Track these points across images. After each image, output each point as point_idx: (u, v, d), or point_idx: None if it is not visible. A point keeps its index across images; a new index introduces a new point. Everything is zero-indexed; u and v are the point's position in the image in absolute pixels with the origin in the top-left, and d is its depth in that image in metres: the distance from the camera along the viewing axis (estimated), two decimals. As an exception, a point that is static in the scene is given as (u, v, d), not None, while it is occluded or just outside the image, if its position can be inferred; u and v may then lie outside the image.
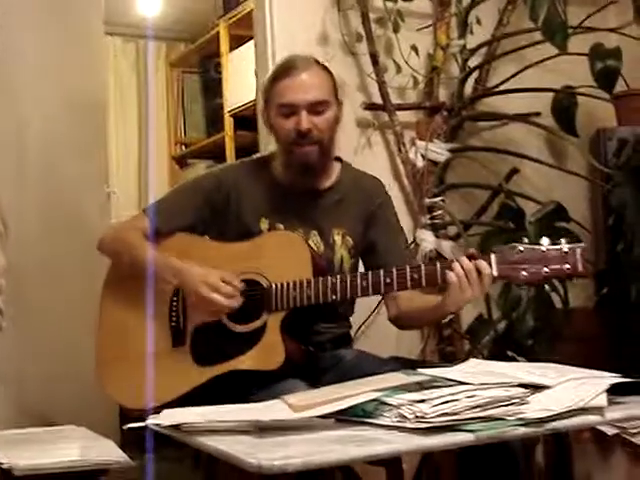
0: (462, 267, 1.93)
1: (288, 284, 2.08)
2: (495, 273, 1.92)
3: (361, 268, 2.34)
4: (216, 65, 5.17)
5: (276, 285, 2.09)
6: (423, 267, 2.00)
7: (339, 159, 2.38)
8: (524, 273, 1.90)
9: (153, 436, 1.69)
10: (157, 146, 5.63)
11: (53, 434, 2.22)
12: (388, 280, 2.02)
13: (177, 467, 3.69)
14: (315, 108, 2.18)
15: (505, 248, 1.93)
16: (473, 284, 1.92)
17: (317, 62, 2.27)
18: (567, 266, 1.87)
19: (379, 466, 2.15)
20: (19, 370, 2.78)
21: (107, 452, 1.97)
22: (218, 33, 4.98)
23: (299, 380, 2.01)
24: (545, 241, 1.89)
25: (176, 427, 1.62)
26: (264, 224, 2.25)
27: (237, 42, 4.78)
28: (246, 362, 2.06)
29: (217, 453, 1.45)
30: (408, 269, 2.00)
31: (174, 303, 2.19)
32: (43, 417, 2.57)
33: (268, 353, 2.05)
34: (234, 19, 4.80)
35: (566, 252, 1.87)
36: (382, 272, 2.04)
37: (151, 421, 1.65)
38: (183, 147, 5.73)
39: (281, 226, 2.24)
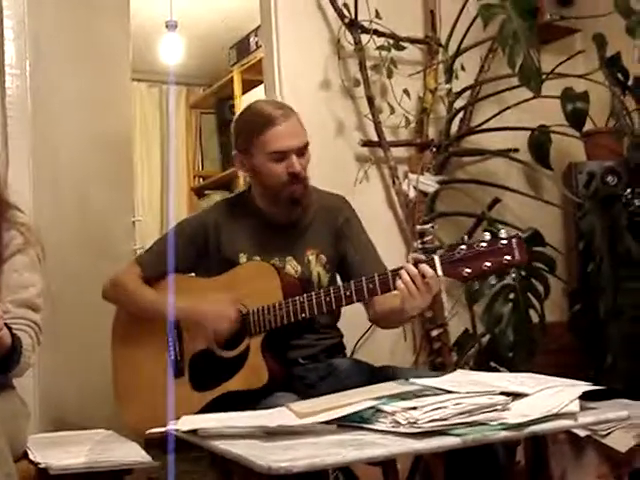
0: (408, 274, 1.90)
1: (262, 308, 2.07)
2: (440, 273, 1.88)
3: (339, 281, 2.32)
4: (230, 107, 5.20)
5: (252, 311, 2.09)
6: (377, 277, 1.97)
7: None
8: (467, 270, 1.84)
9: (174, 439, 1.69)
10: (177, 179, 5.66)
11: (84, 437, 2.22)
12: (348, 292, 2.00)
13: (195, 467, 3.67)
14: (302, 151, 2.17)
15: (449, 249, 1.88)
16: (420, 288, 1.89)
17: (288, 106, 2.23)
18: (507, 257, 1.82)
19: (376, 466, 2.14)
20: (56, 381, 2.77)
21: (132, 453, 1.97)
22: (232, 78, 5.01)
23: (289, 393, 1.98)
24: (486, 236, 1.83)
25: (193, 432, 1.61)
26: (243, 258, 2.23)
27: (249, 86, 4.81)
28: (235, 384, 2.06)
29: (230, 455, 1.45)
30: (364, 280, 1.98)
31: (170, 340, 2.20)
32: (77, 423, 2.56)
33: (253, 374, 2.04)
34: (246, 66, 4.83)
35: (503, 244, 1.82)
36: (342, 286, 2.04)
37: (171, 426, 1.65)
38: (201, 179, 5.74)
39: (258, 258, 2.22)
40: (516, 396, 1.60)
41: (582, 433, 2.53)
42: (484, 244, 1.83)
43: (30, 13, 2.76)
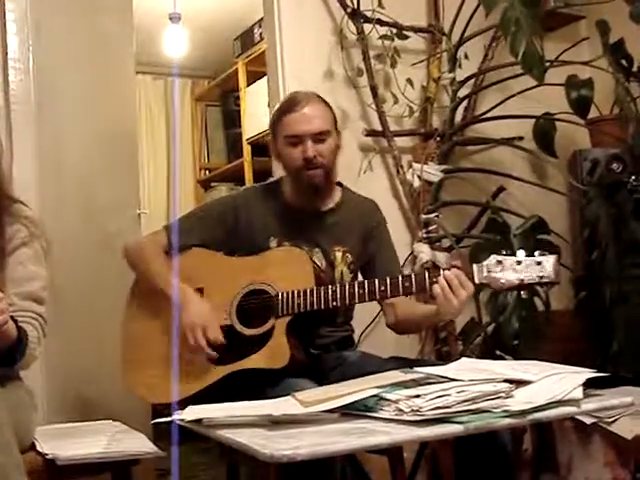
0: (445, 279, 1.94)
1: (293, 292, 2.09)
2: (476, 281, 1.94)
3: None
4: (235, 99, 5.20)
5: (282, 293, 2.10)
6: (414, 276, 2.01)
7: (340, 184, 2.38)
8: (502, 281, 1.90)
9: (182, 430, 1.70)
10: (183, 171, 5.66)
11: (91, 428, 2.22)
12: (382, 288, 2.03)
13: (205, 458, 3.69)
14: (318, 137, 2.20)
15: (486, 259, 1.94)
16: (456, 293, 1.93)
17: (318, 96, 2.29)
18: (540, 274, 1.88)
19: (382, 455, 2.14)
20: (63, 373, 2.78)
21: (139, 444, 1.97)
22: (237, 70, 5.01)
23: (305, 379, 2.01)
24: (521, 253, 1.90)
25: (198, 422, 1.62)
26: (273, 242, 2.26)
27: (254, 78, 4.81)
28: (256, 361, 2.07)
29: (235, 444, 1.45)
30: (400, 278, 2.02)
31: None
32: (85, 414, 2.58)
33: (275, 353, 2.05)
34: (251, 57, 4.82)
35: (539, 262, 1.88)
36: (377, 280, 2.05)
37: (176, 416, 1.65)
38: (207, 172, 5.75)
39: (288, 244, 2.25)
40: (520, 383, 1.61)
41: (588, 420, 2.53)
42: (520, 259, 1.89)
43: (32, 6, 2.76)
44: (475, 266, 1.94)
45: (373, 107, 3.19)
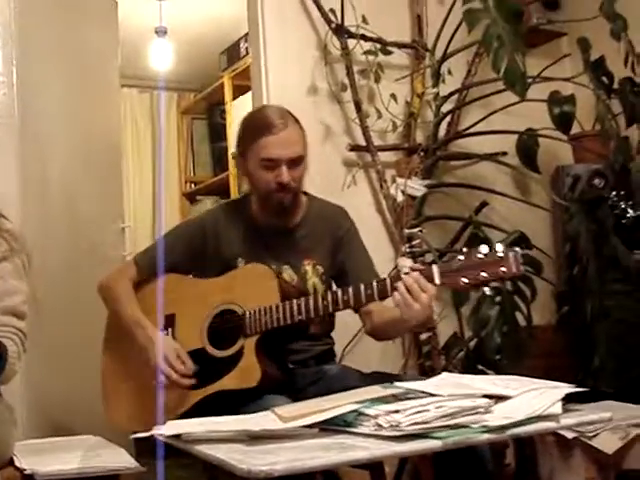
0: (405, 285, 1.89)
1: (259, 310, 2.07)
2: (437, 282, 1.88)
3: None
4: (221, 112, 5.20)
5: (249, 312, 2.09)
6: (375, 283, 1.97)
7: (305, 193, 2.35)
8: (464, 279, 1.85)
9: (165, 445, 1.69)
10: (169, 184, 5.66)
11: (71, 443, 2.21)
12: (345, 297, 2.00)
13: (187, 472, 3.67)
14: (293, 162, 2.17)
15: (447, 259, 1.92)
16: (417, 298, 1.88)
17: (291, 115, 2.23)
18: (503, 269, 1.82)
19: (365, 469, 2.14)
20: (43, 388, 2.76)
21: (119, 459, 1.96)
22: (223, 84, 5.02)
23: (281, 395, 1.99)
24: (483, 249, 1.85)
25: (178, 437, 1.62)
26: (241, 263, 2.24)
27: (240, 92, 4.81)
28: (228, 383, 2.06)
29: (212, 459, 1.45)
30: (362, 286, 1.98)
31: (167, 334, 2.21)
32: (64, 429, 2.56)
33: (246, 373, 2.04)
34: (237, 71, 4.83)
35: (501, 257, 1.83)
36: (340, 290, 2.03)
37: (156, 431, 1.65)
38: (192, 185, 5.75)
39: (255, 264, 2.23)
40: (499, 399, 1.61)
41: (570, 435, 2.54)
42: (481, 255, 1.85)
43: (17, 20, 2.76)
44: (434, 267, 1.89)
45: (357, 122, 3.20)
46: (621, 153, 2.95)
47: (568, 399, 1.63)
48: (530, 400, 1.62)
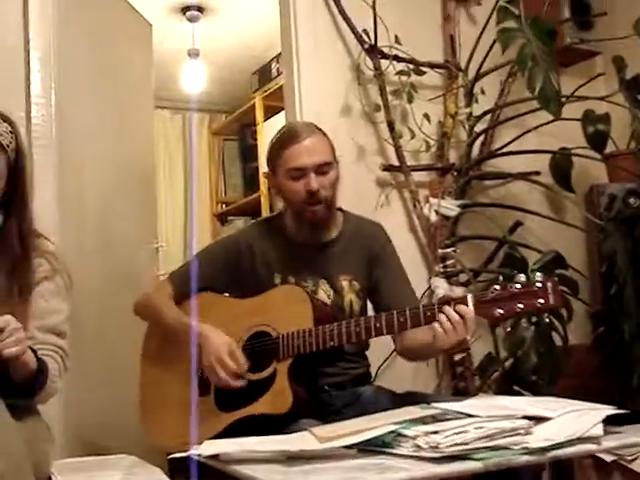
0: (445, 315, 1.89)
1: (293, 333, 2.06)
2: (472, 312, 1.88)
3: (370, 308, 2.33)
4: (252, 133, 5.25)
5: (282, 335, 2.08)
6: (408, 311, 1.96)
7: (340, 209, 2.35)
8: (499, 310, 1.85)
9: (200, 465, 1.69)
10: (200, 204, 5.70)
11: (108, 462, 2.21)
12: (378, 324, 2.00)
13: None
14: (321, 169, 2.17)
15: (483, 288, 1.90)
16: (457, 328, 1.88)
17: (316, 127, 2.25)
18: (540, 300, 1.82)
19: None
20: (81, 407, 2.78)
21: (154, 478, 1.96)
22: (254, 105, 5.06)
23: (312, 419, 1.98)
24: (520, 278, 1.85)
25: (215, 457, 1.62)
26: (277, 279, 2.25)
27: (271, 112, 4.85)
28: (259, 407, 2.05)
29: (251, 480, 1.45)
30: (395, 313, 1.97)
31: (194, 358, 2.19)
32: (101, 448, 2.57)
33: (278, 398, 2.03)
34: (268, 92, 4.88)
35: (538, 287, 1.83)
36: (372, 317, 2.03)
37: (193, 451, 1.65)
38: (223, 205, 5.79)
39: (292, 279, 2.24)
40: (539, 420, 1.59)
41: (608, 458, 2.50)
42: (518, 286, 1.84)
43: (56, 44, 2.81)
44: (470, 297, 1.88)
45: (390, 142, 3.20)
46: (657, 172, 2.92)
47: (605, 421, 1.61)
48: (570, 422, 1.60)
